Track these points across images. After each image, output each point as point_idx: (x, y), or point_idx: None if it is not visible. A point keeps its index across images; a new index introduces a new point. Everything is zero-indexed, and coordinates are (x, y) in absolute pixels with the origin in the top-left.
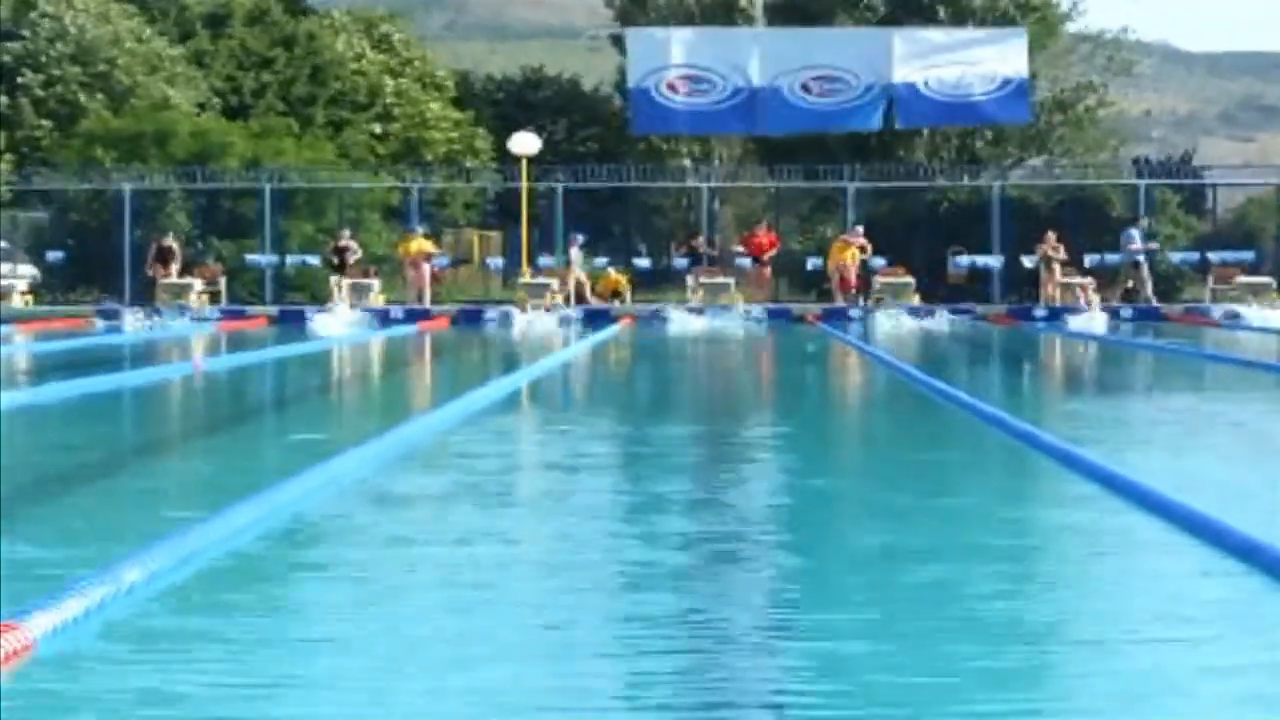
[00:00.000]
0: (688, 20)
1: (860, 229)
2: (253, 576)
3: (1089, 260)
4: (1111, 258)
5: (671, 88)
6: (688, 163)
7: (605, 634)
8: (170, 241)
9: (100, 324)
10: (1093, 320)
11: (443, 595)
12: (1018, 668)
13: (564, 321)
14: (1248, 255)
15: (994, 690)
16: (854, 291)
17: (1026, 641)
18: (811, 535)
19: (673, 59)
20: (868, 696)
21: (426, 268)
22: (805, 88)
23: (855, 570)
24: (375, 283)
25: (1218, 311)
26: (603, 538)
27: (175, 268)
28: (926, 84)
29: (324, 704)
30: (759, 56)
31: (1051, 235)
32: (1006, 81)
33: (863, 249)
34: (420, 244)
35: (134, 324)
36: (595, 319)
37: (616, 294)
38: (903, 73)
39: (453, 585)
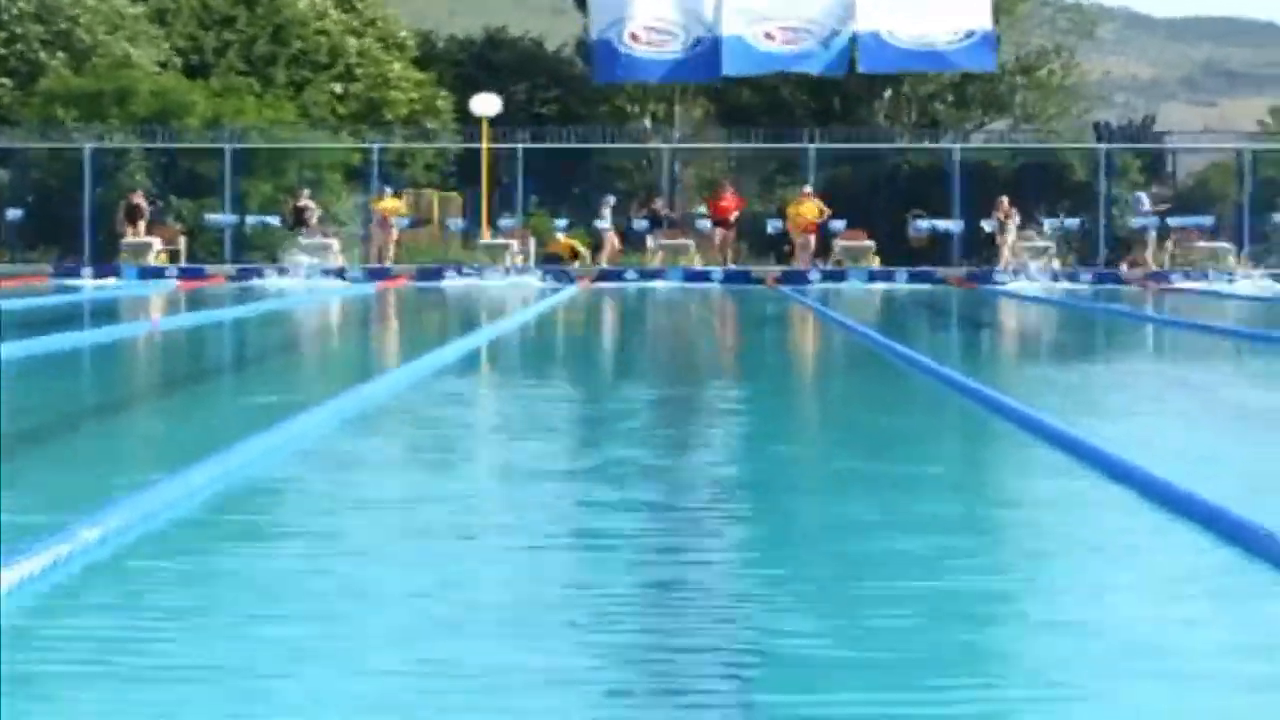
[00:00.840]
0: None
1: (809, 189)
2: (211, 537)
3: (1049, 225)
4: (1071, 221)
5: (634, 37)
6: (649, 124)
7: (559, 598)
8: (140, 199)
9: (53, 283)
10: (1032, 284)
11: (405, 555)
12: (980, 640)
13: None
14: (1207, 221)
15: (956, 662)
16: (813, 251)
17: (989, 614)
18: (767, 502)
19: (635, 10)
20: (827, 670)
21: (394, 229)
22: (769, 35)
23: (809, 538)
24: (334, 243)
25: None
26: (553, 501)
27: (143, 225)
28: (891, 33)
29: (281, 670)
30: (721, 7)
31: (1004, 200)
32: (971, 33)
33: (820, 211)
34: (393, 203)
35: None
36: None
37: (576, 256)
38: (866, 22)
39: (415, 546)
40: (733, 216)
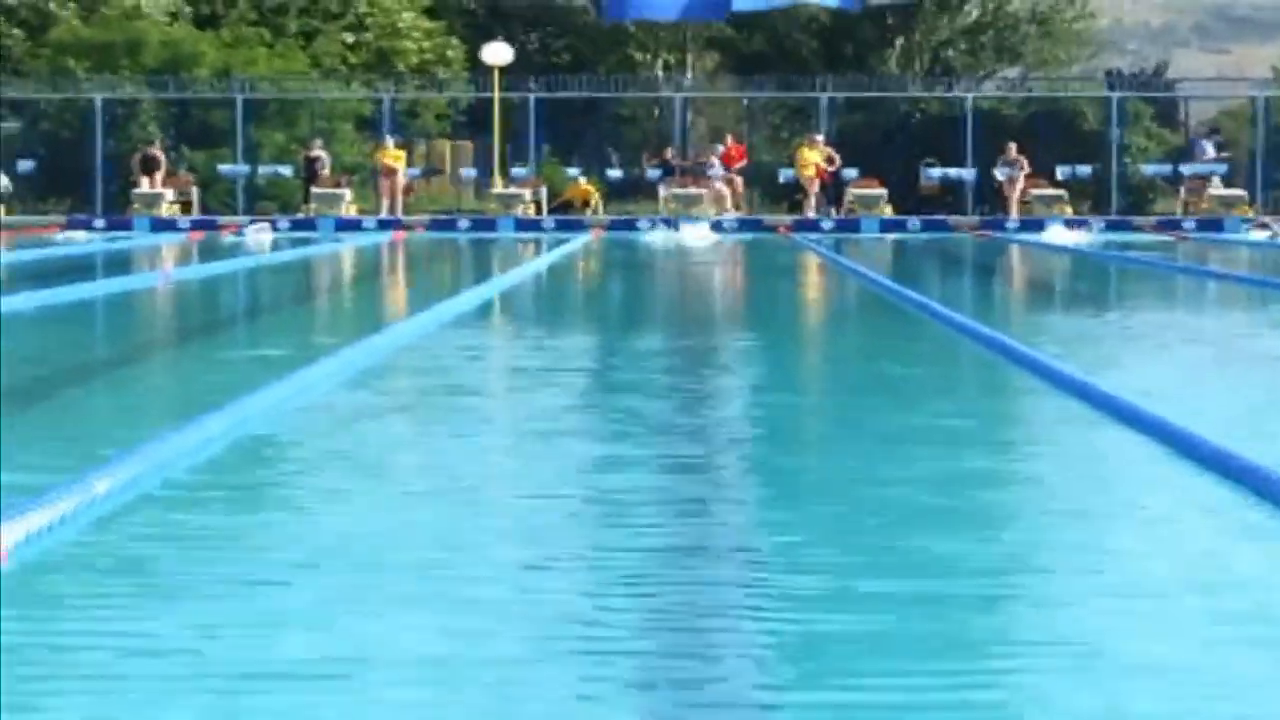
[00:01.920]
0: None
1: (820, 138)
2: (223, 488)
3: (1060, 172)
4: (1083, 169)
5: None
6: (660, 73)
7: (572, 560)
8: (156, 150)
9: (62, 235)
10: (1057, 233)
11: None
12: (992, 593)
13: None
14: (1220, 168)
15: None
16: (822, 195)
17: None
18: (785, 455)
19: None
20: (837, 628)
21: (400, 178)
22: None
23: (823, 493)
24: (346, 193)
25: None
26: (566, 457)
27: (159, 177)
28: None
29: (288, 622)
30: None
31: (1013, 146)
32: None
33: (830, 159)
34: (394, 154)
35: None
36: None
37: (587, 204)
38: None
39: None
40: (736, 166)
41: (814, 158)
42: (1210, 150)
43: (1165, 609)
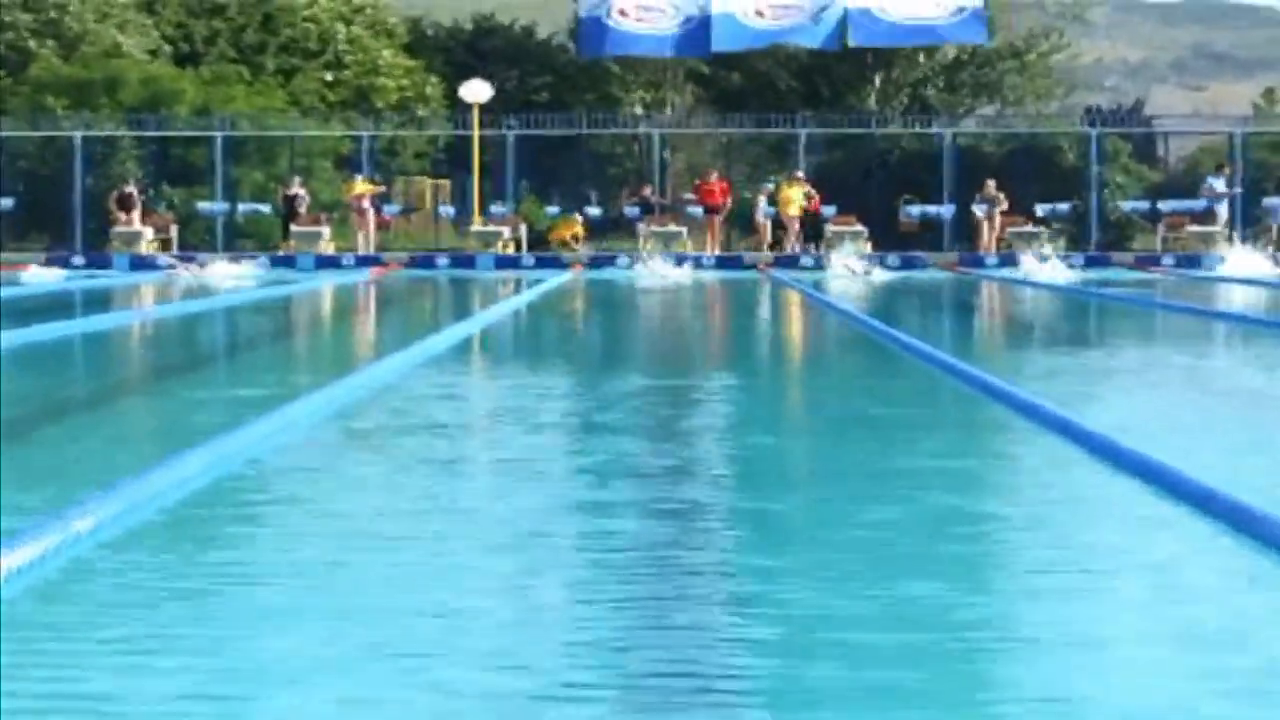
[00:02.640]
0: None
1: (800, 173)
2: (214, 520)
3: (1040, 209)
4: (1062, 207)
5: (622, 13)
6: (639, 110)
7: (559, 583)
8: (131, 188)
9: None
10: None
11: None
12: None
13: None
14: (1199, 204)
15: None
16: (801, 232)
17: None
18: (771, 497)
19: None
20: (827, 655)
21: (370, 212)
22: (759, 13)
23: (815, 528)
24: (325, 230)
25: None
26: (546, 498)
27: (136, 214)
28: (882, 9)
29: (280, 650)
30: None
31: (991, 184)
32: (961, 9)
33: (808, 196)
34: (361, 186)
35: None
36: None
37: (575, 238)
38: None
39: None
40: (722, 203)
41: (796, 196)
42: (1220, 186)
43: (1159, 659)
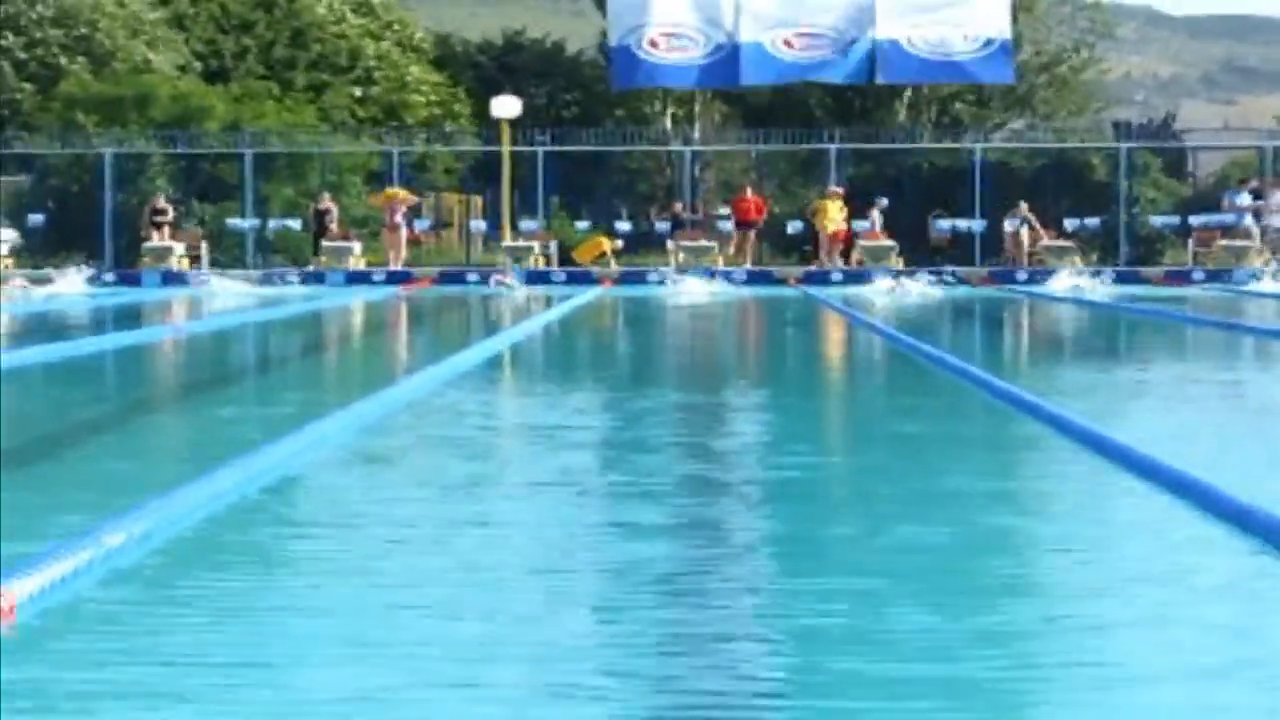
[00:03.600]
0: None
1: (841, 190)
2: (243, 534)
3: (1069, 224)
4: (1091, 221)
5: (653, 44)
6: (669, 126)
7: (586, 608)
8: (164, 203)
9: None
10: (1072, 283)
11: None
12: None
13: None
14: (1229, 218)
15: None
16: (841, 249)
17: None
18: (797, 521)
19: (654, 16)
20: (853, 668)
21: (403, 229)
22: (787, 43)
23: (845, 548)
24: (356, 245)
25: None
26: (580, 507)
27: (167, 230)
28: (910, 41)
29: (307, 667)
30: (740, 13)
31: (1023, 205)
32: (989, 41)
33: (841, 209)
34: (393, 192)
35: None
36: None
37: (603, 255)
38: (886, 29)
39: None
40: (756, 218)
41: (834, 211)
42: (1248, 199)
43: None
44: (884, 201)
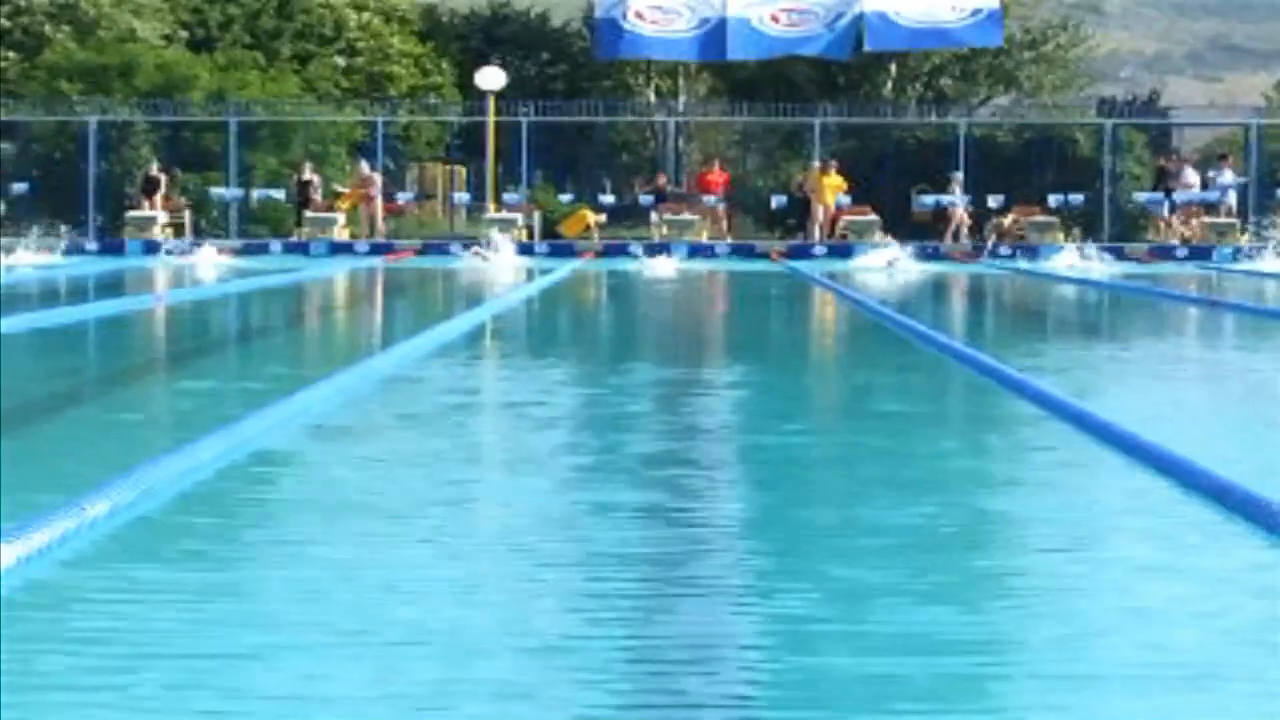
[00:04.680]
0: None
1: (835, 164)
2: (222, 508)
3: (1053, 200)
4: (1075, 198)
5: (639, 15)
6: (654, 98)
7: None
8: (156, 171)
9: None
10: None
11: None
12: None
13: None
14: (1212, 196)
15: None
16: (832, 224)
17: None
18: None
19: None
20: (837, 662)
21: (379, 200)
22: (774, 18)
23: (833, 526)
24: (339, 216)
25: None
26: (562, 486)
27: (159, 198)
28: (897, 12)
29: (289, 640)
30: None
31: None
32: (978, 10)
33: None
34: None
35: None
36: None
37: (588, 229)
38: (872, 2)
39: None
40: (719, 192)
41: (834, 185)
42: (1229, 175)
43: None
44: (959, 175)
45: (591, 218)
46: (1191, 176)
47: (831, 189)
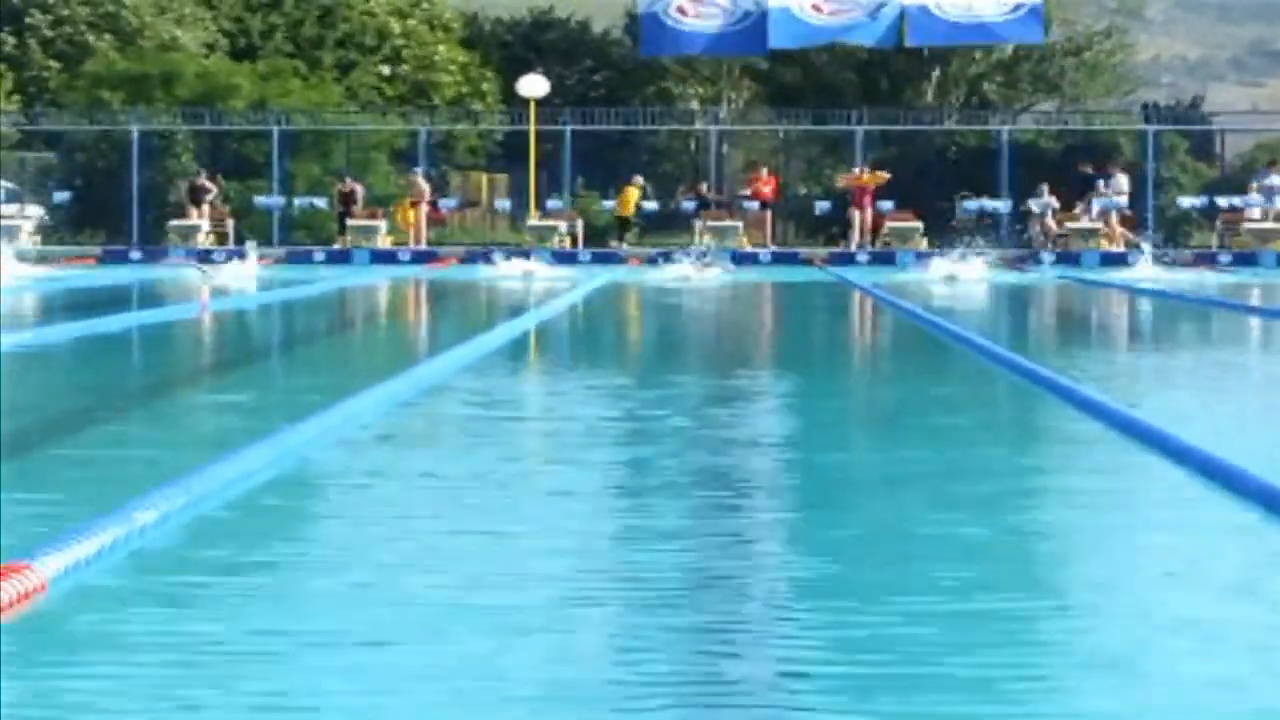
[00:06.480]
0: None
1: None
2: (266, 519)
3: (1097, 205)
4: (1120, 201)
5: (681, 10)
6: (696, 106)
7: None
8: (204, 180)
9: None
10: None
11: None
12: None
13: None
14: (1256, 201)
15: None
16: (869, 228)
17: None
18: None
19: None
20: (878, 657)
21: (423, 208)
22: (815, 8)
23: (872, 533)
24: (382, 224)
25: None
26: (602, 487)
27: (206, 207)
28: (939, 6)
29: (325, 646)
30: None
31: (1045, 187)
32: (1019, 5)
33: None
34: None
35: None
36: None
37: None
38: None
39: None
40: (772, 198)
41: (875, 180)
42: (1276, 179)
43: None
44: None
45: (636, 192)
46: (1123, 183)
47: (874, 182)
